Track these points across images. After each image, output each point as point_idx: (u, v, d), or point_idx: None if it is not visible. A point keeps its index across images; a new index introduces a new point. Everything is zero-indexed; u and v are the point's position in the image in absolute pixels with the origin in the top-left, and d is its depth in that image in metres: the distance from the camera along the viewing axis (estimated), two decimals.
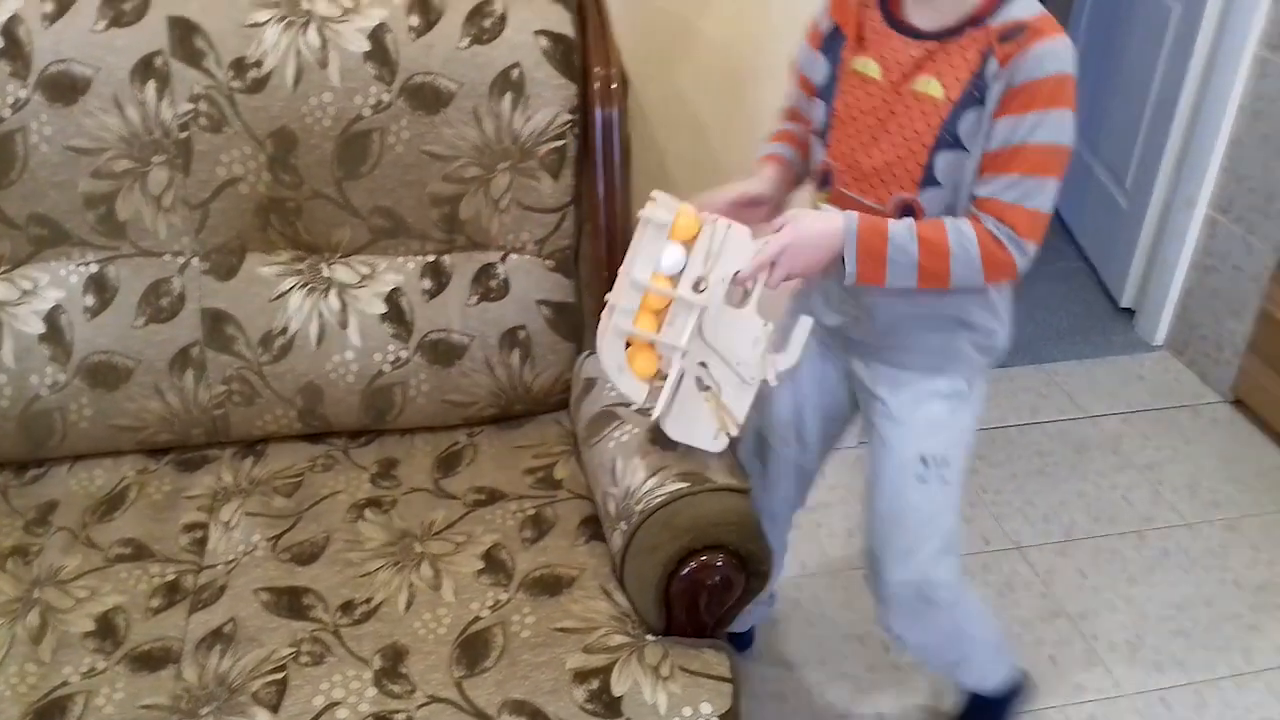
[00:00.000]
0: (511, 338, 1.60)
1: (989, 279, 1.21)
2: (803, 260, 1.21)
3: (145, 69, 1.44)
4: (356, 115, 1.48)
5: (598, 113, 1.50)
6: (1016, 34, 1.13)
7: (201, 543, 1.40)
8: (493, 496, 1.49)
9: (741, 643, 1.86)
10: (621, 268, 1.25)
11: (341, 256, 1.58)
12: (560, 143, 1.52)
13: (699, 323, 1.23)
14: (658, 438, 1.34)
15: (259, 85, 1.46)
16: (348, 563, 1.37)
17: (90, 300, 1.51)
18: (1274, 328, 2.35)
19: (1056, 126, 1.15)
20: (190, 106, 1.46)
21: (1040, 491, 2.25)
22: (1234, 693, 1.82)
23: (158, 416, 1.54)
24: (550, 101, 1.50)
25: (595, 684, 1.20)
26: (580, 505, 1.48)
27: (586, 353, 1.62)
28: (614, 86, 1.50)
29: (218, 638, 1.26)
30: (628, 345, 1.26)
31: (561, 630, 1.27)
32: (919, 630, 1.52)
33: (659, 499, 1.29)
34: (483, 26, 1.47)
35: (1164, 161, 2.59)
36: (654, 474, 1.33)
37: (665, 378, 1.26)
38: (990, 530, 2.15)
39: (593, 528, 1.43)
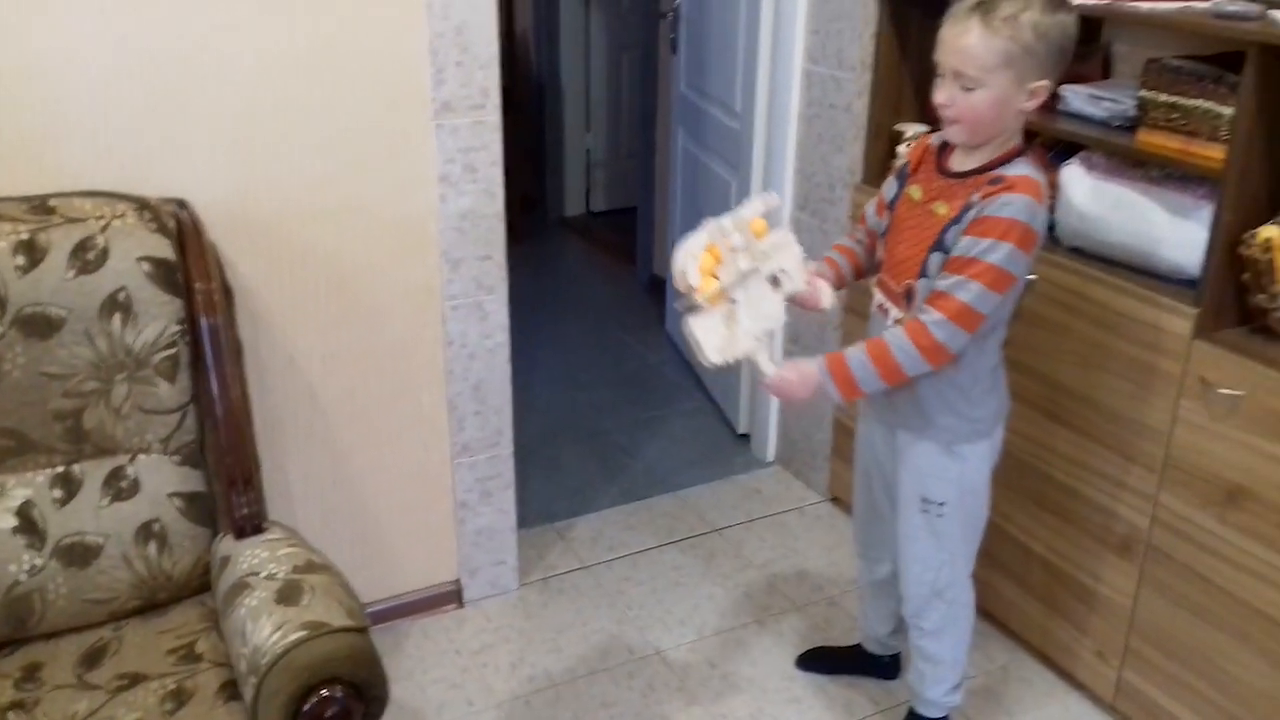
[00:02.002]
0: (146, 531, 1.74)
1: (931, 360, 1.67)
2: (798, 390, 1.75)
3: None
4: None
5: (203, 321, 1.71)
6: (996, 182, 1.63)
7: None
8: (135, 680, 1.60)
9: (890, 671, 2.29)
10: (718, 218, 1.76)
11: None
12: (172, 350, 1.72)
13: (751, 272, 1.73)
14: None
15: None
16: None
17: None
18: (846, 433, 2.83)
19: (1005, 256, 1.61)
20: None
21: (677, 600, 2.57)
22: None
23: None
24: (158, 316, 1.70)
25: None
26: (221, 672, 1.62)
27: (221, 535, 1.78)
28: (216, 298, 1.72)
29: None
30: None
31: None
32: (929, 618, 1.97)
33: (280, 648, 1.47)
34: (87, 259, 1.66)
35: None
36: (278, 629, 1.50)
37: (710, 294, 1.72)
38: (635, 641, 2.43)
39: (232, 690, 1.58)
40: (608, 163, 5.20)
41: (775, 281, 1.78)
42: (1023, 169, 1.66)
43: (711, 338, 1.74)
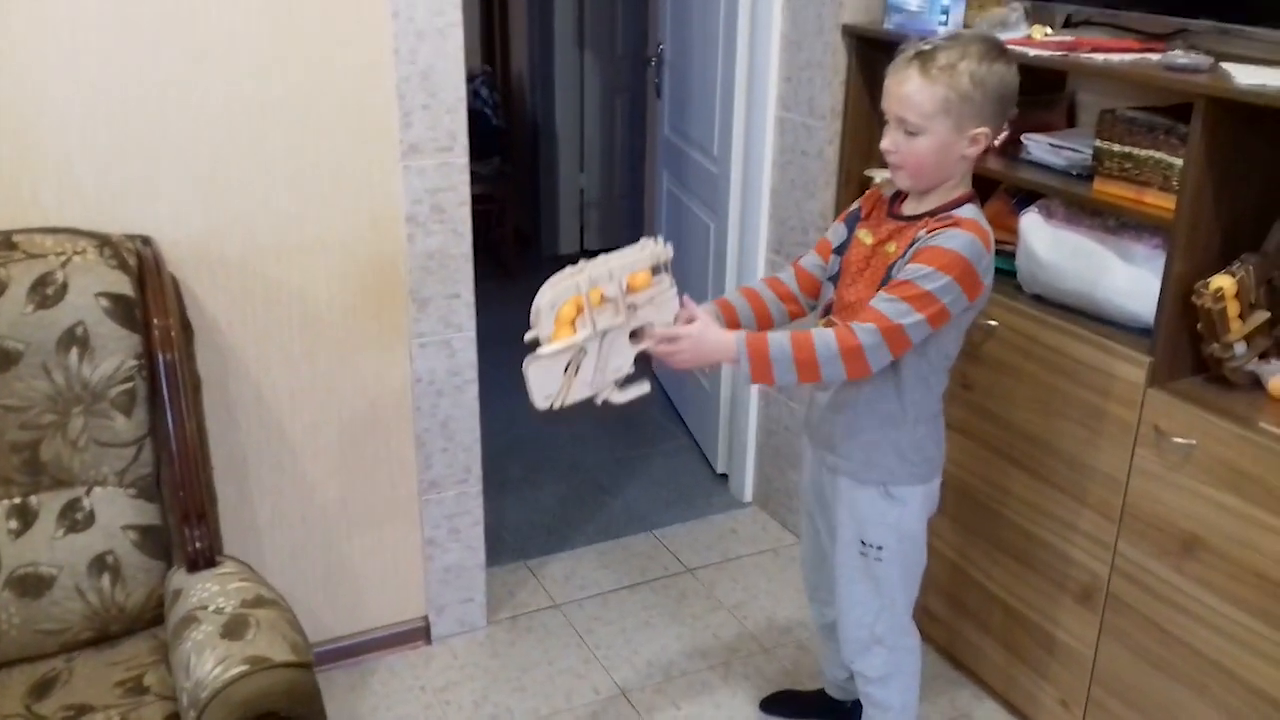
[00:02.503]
0: (100, 563, 1.76)
1: (849, 364, 1.66)
2: (690, 357, 1.72)
3: None
4: None
5: (160, 357, 1.74)
6: (944, 219, 1.67)
7: None
8: (81, 711, 1.62)
9: (851, 717, 2.22)
10: (602, 258, 1.67)
11: None
12: (129, 385, 1.75)
13: (607, 329, 1.66)
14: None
15: None
16: None
17: None
18: None
19: (942, 286, 1.62)
20: None
21: (645, 641, 2.57)
22: None
23: None
24: (115, 351, 1.73)
25: None
26: (166, 705, 1.63)
27: (174, 568, 1.80)
28: (174, 334, 1.75)
29: None
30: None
31: None
32: (871, 664, 1.97)
33: (220, 682, 1.48)
34: (46, 294, 1.69)
35: None
36: (220, 663, 1.51)
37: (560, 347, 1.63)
38: (600, 682, 2.42)
39: None
40: (601, 202, 5.26)
41: (637, 335, 1.72)
42: (971, 214, 1.69)
43: (546, 384, 1.66)
